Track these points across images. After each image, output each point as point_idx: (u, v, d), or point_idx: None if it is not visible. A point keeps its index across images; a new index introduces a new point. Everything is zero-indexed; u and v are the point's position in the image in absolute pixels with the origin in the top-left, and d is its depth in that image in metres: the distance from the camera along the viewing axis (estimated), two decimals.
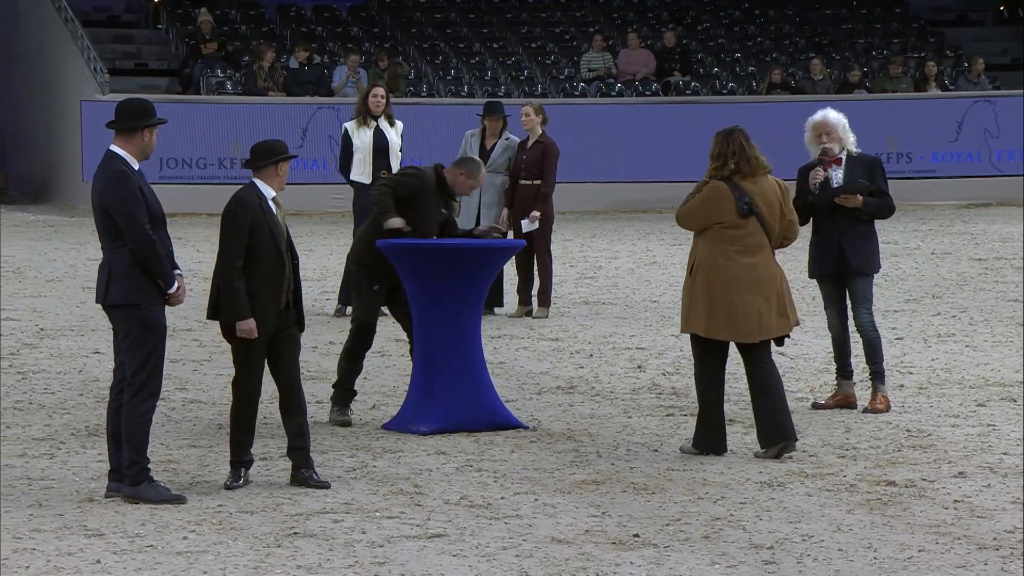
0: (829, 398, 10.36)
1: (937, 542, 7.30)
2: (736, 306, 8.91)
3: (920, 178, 25.13)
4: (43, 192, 26.62)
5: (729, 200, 8.90)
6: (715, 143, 9.01)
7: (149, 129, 8.00)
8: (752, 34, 28.23)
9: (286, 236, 8.29)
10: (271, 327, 8.19)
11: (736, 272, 8.91)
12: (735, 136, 8.98)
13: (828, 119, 10.24)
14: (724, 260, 8.92)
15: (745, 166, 8.90)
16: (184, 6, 27.10)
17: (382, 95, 14.39)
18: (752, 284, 8.93)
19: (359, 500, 8.01)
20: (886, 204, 10.17)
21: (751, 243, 8.94)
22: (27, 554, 7.07)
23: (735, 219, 8.88)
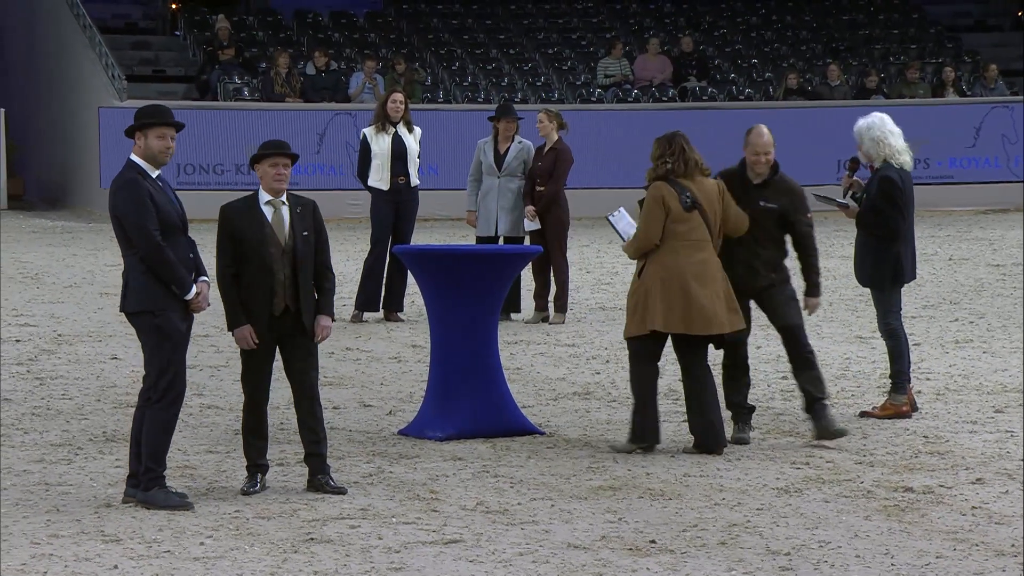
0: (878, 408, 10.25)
1: (955, 549, 7.28)
2: (691, 299, 9.06)
3: (938, 184, 25.09)
4: (61, 198, 26.70)
5: (672, 195, 9.13)
6: (656, 146, 9.30)
7: (144, 132, 7.97)
8: (769, 39, 28.21)
9: (288, 239, 8.19)
10: (264, 333, 8.19)
11: (685, 266, 9.08)
12: (676, 139, 9.29)
13: (855, 130, 10.28)
14: (673, 255, 9.08)
15: (681, 166, 9.19)
16: (201, 13, 27.17)
17: (401, 101, 14.41)
18: (701, 278, 9.10)
19: (376, 506, 8.01)
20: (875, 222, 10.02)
21: (696, 237, 9.14)
22: (45, 559, 7.08)
23: (680, 213, 9.10)
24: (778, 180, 9.39)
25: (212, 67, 25.15)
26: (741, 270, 9.27)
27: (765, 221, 9.30)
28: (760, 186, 9.36)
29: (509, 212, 14.16)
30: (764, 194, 9.34)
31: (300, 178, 23.75)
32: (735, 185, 9.31)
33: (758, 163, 9.35)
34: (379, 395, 10.96)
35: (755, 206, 9.27)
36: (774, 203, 9.31)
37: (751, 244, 9.31)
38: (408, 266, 10.54)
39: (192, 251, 8.03)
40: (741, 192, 9.30)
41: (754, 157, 9.34)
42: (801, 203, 9.39)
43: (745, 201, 9.27)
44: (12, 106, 27.01)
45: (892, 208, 10.01)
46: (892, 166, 10.10)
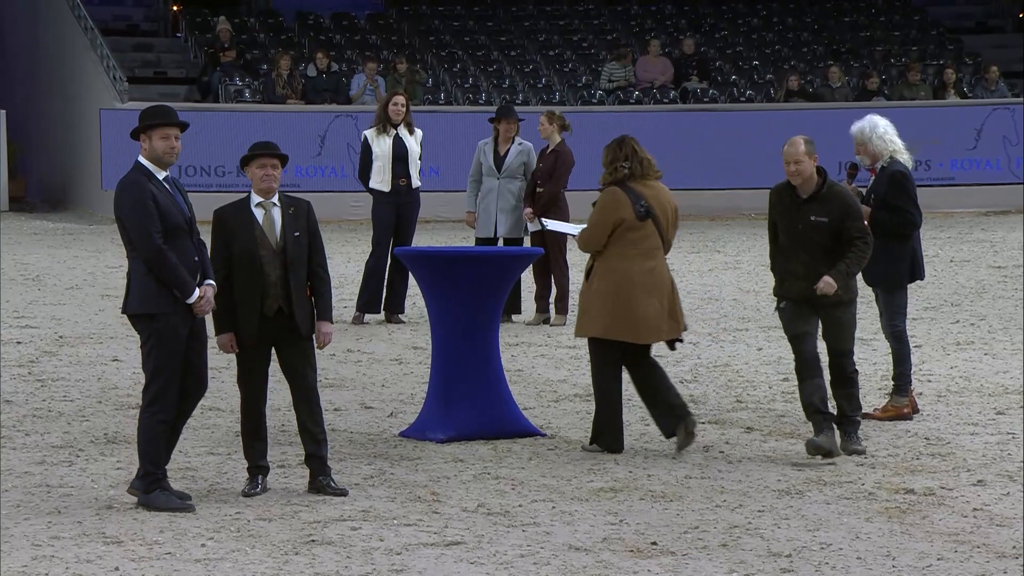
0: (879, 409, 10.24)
1: (956, 550, 7.28)
2: (636, 308, 9.10)
3: (939, 185, 25.08)
4: (62, 200, 26.71)
5: (626, 203, 9.12)
6: (607, 151, 9.27)
7: (148, 134, 7.96)
8: (770, 41, 28.21)
9: (279, 240, 8.15)
10: (255, 336, 8.18)
11: (634, 274, 9.11)
12: (627, 142, 9.30)
13: (853, 132, 10.26)
14: (623, 263, 9.11)
15: (638, 168, 9.21)
16: (203, 14, 27.18)
17: (402, 103, 14.41)
18: (649, 287, 9.15)
19: (377, 507, 8.01)
20: (899, 220, 9.96)
21: (647, 246, 9.16)
22: (46, 561, 7.08)
23: (634, 222, 9.11)
24: (826, 192, 9.00)
25: (213, 69, 25.16)
26: (803, 286, 8.99)
27: (819, 236, 8.95)
28: (809, 200, 8.98)
29: (509, 214, 14.16)
30: (813, 208, 8.97)
31: (301, 180, 23.78)
32: (784, 200, 9.02)
33: (790, 174, 8.98)
34: (380, 397, 10.96)
35: (806, 222, 8.95)
36: (824, 216, 8.95)
37: (809, 261, 8.95)
38: (409, 268, 10.54)
39: (198, 254, 8.00)
40: (791, 207, 8.99)
41: (786, 167, 8.99)
42: (851, 211, 9.01)
43: (796, 217, 8.97)
44: (13, 108, 27.02)
45: (909, 202, 9.99)
46: (900, 161, 10.07)
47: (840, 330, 9.10)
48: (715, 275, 17.78)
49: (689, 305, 15.39)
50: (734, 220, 23.26)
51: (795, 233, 9.02)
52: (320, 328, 8.22)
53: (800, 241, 9.01)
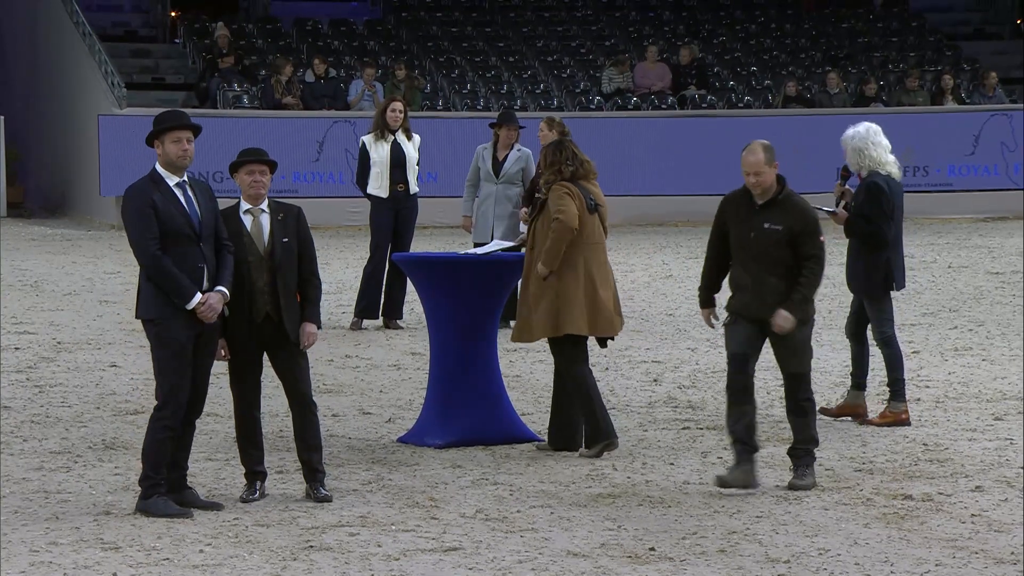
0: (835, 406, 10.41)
1: (954, 556, 7.28)
2: (597, 302, 9.23)
3: (937, 191, 25.10)
4: (61, 206, 26.71)
5: (579, 195, 9.31)
6: (546, 154, 9.45)
7: (161, 138, 7.96)
8: (768, 47, 28.23)
9: (267, 247, 8.15)
10: (246, 340, 8.18)
11: (592, 268, 9.28)
12: (566, 145, 9.50)
13: (841, 140, 10.35)
14: (581, 256, 9.26)
15: (579, 169, 9.40)
16: (201, 20, 27.19)
17: (400, 109, 14.42)
18: (603, 280, 9.32)
19: (375, 513, 8.01)
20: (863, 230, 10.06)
21: (596, 240, 9.37)
22: (44, 567, 7.08)
23: (586, 215, 9.30)
24: (784, 199, 8.51)
25: (212, 75, 25.16)
26: (749, 298, 8.49)
27: (771, 246, 8.43)
28: (765, 207, 8.50)
29: (505, 219, 14.15)
30: (768, 215, 8.47)
31: (299, 186, 23.79)
32: (739, 207, 8.56)
33: (750, 184, 8.50)
34: (378, 402, 10.96)
35: (759, 229, 8.46)
36: (779, 224, 8.44)
37: (758, 272, 8.45)
38: (407, 273, 10.54)
39: (206, 260, 7.95)
40: (746, 214, 8.54)
41: (745, 177, 8.51)
42: (807, 223, 8.46)
43: (750, 224, 8.50)
44: (12, 114, 27.02)
45: (879, 214, 10.05)
46: (880, 173, 10.15)
47: (790, 352, 8.45)
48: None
49: (687, 311, 15.41)
50: None
51: (747, 242, 8.47)
52: (304, 328, 8.20)
53: (751, 250, 8.45)
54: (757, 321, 8.47)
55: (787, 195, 8.54)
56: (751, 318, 8.48)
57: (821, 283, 8.51)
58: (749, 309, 8.47)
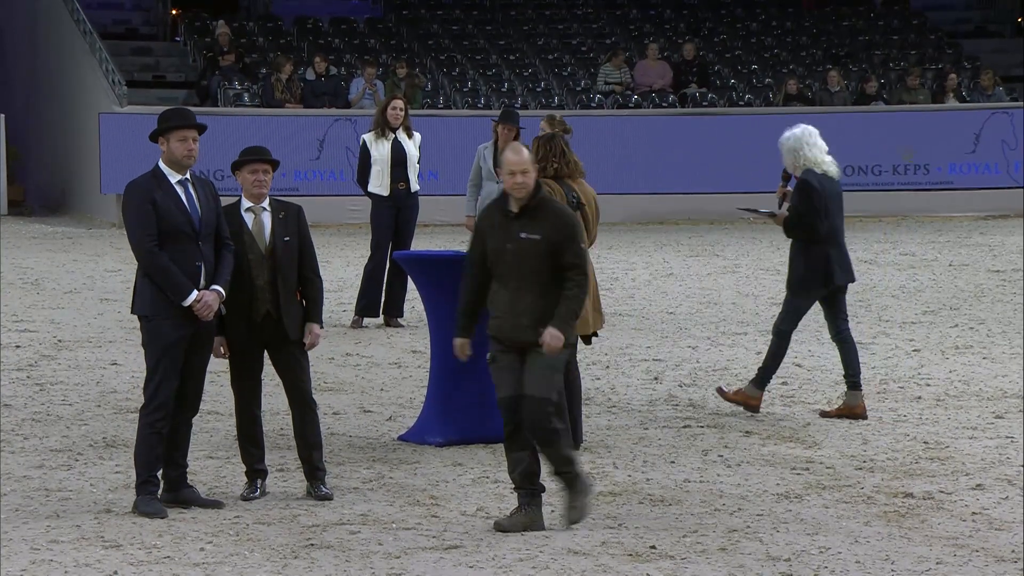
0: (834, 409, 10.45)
1: (955, 554, 7.28)
2: None
3: (937, 190, 25.09)
4: (61, 204, 26.71)
5: (561, 193, 9.29)
6: (539, 146, 9.45)
7: (166, 136, 7.97)
8: (769, 45, 28.22)
9: (268, 245, 8.15)
10: (246, 339, 8.18)
11: None
12: (556, 141, 9.50)
13: (779, 144, 10.43)
14: None
15: (564, 168, 9.41)
16: (202, 18, 27.18)
17: (401, 107, 14.42)
18: None
19: (376, 511, 8.01)
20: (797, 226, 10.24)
21: None
22: (45, 565, 7.08)
23: None
24: (540, 205, 7.59)
25: (212, 73, 25.16)
26: (504, 319, 7.61)
27: (530, 258, 7.52)
28: (520, 215, 7.58)
29: None
30: (524, 223, 7.56)
31: (300, 184, 23.79)
32: (495, 217, 7.65)
33: (515, 185, 7.56)
34: (379, 401, 10.96)
35: (516, 239, 7.55)
36: (537, 233, 7.53)
37: (516, 288, 7.56)
38: (408, 272, 10.54)
39: (204, 259, 7.95)
40: (502, 224, 7.59)
41: (510, 178, 7.58)
42: (567, 229, 7.56)
43: (506, 234, 7.57)
44: (12, 112, 27.02)
45: (809, 211, 10.18)
46: (814, 172, 10.31)
47: (538, 373, 7.54)
48: (714, 279, 17.78)
49: (688, 309, 15.41)
50: (733, 224, 23.25)
51: (504, 254, 7.57)
52: (310, 329, 8.22)
53: (509, 264, 7.57)
54: (516, 348, 7.59)
55: (543, 200, 7.63)
56: (509, 344, 7.60)
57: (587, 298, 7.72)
58: (504, 331, 7.61)
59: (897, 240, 21.46)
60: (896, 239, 21.59)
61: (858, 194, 25.18)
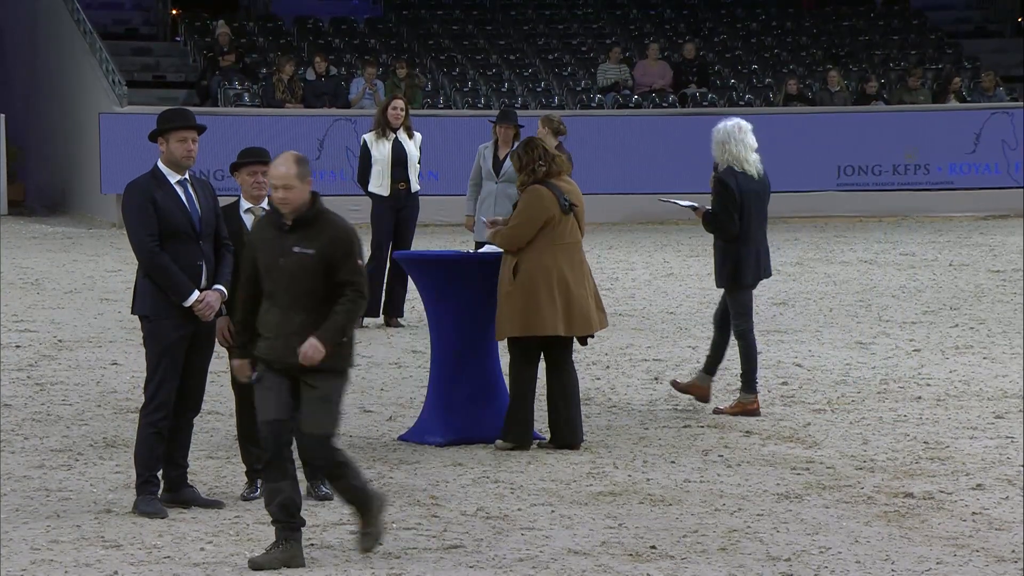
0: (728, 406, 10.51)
1: (955, 554, 7.28)
2: (573, 301, 9.30)
3: (938, 190, 25.09)
4: (61, 204, 26.71)
5: (552, 200, 9.32)
6: (517, 157, 9.46)
7: (166, 137, 7.98)
8: (769, 45, 28.22)
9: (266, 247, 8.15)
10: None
11: (565, 268, 9.31)
12: (536, 143, 9.52)
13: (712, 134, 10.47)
14: (552, 258, 9.30)
15: (553, 167, 9.42)
16: (202, 18, 27.18)
17: (401, 108, 14.42)
18: (579, 279, 9.36)
19: None
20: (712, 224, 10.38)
21: (571, 240, 9.39)
22: (45, 565, 7.08)
23: (561, 217, 9.33)
24: (316, 217, 7.10)
25: (213, 73, 25.16)
26: (274, 340, 7.08)
27: (302, 273, 7.05)
28: (294, 227, 7.10)
29: None
30: (298, 237, 7.08)
31: None
32: (266, 230, 7.20)
33: (277, 200, 7.12)
34: (379, 401, 10.96)
35: (289, 254, 7.07)
36: (311, 247, 7.06)
37: (287, 307, 7.06)
38: (408, 272, 10.54)
39: (205, 258, 7.95)
40: (274, 238, 7.13)
41: (273, 192, 7.15)
42: (344, 244, 7.08)
43: (278, 248, 7.10)
44: (13, 112, 27.02)
45: (722, 210, 10.32)
46: (733, 170, 10.41)
47: (313, 407, 7.05)
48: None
49: (688, 309, 15.41)
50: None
51: (276, 270, 7.09)
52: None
53: (280, 280, 7.08)
54: (287, 371, 7.08)
55: (320, 212, 7.10)
56: (279, 366, 7.10)
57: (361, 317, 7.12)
58: (275, 352, 7.09)
59: (897, 240, 21.46)
60: (896, 239, 21.59)
61: (858, 194, 25.23)
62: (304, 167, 7.12)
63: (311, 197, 7.12)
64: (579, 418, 9.45)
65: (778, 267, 18.78)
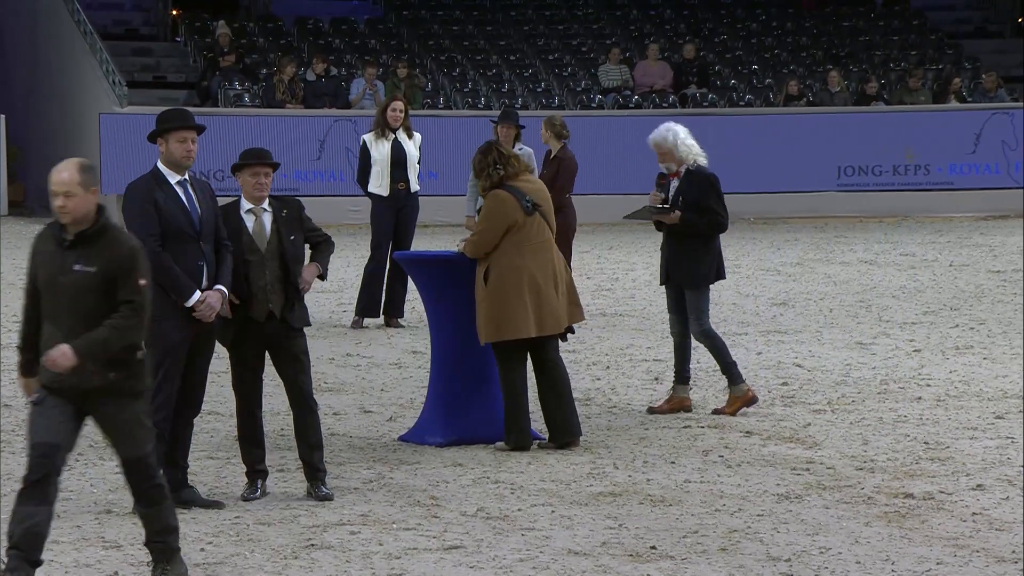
0: (664, 402, 10.47)
1: (955, 555, 7.28)
2: (543, 302, 9.32)
3: (938, 190, 25.08)
4: None
5: (513, 203, 9.33)
6: (475, 162, 9.47)
7: (165, 137, 7.97)
8: (769, 46, 28.22)
9: (270, 245, 8.14)
10: (249, 339, 8.18)
11: (534, 269, 9.33)
12: (491, 148, 9.53)
13: (658, 140, 10.57)
14: (520, 259, 9.31)
15: (509, 168, 9.42)
16: (202, 19, 27.19)
17: (401, 108, 14.42)
18: (548, 279, 9.37)
19: (376, 512, 8.01)
20: (708, 221, 10.31)
21: (540, 239, 9.39)
22: (45, 565, 7.07)
23: (523, 219, 9.32)
24: (99, 233, 6.58)
25: (213, 73, 25.16)
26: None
27: (84, 293, 6.55)
28: (75, 243, 6.58)
29: None
30: (80, 254, 6.56)
31: (300, 184, 23.78)
32: (48, 244, 6.71)
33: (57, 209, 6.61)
34: (379, 401, 10.96)
35: (69, 272, 6.58)
36: (92, 265, 6.54)
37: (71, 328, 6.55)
38: (408, 272, 10.54)
39: (206, 259, 7.96)
40: (54, 253, 6.65)
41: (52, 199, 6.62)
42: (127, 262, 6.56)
43: (59, 265, 6.62)
44: (13, 112, 27.02)
45: (719, 204, 10.31)
46: (704, 165, 10.43)
47: (121, 433, 6.63)
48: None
49: None
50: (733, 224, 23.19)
51: (56, 288, 6.62)
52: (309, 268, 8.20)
53: (61, 299, 6.60)
54: (72, 395, 6.60)
55: (104, 228, 6.58)
56: (70, 394, 6.60)
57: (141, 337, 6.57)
58: (61, 378, 6.56)
59: (897, 240, 21.46)
60: (896, 239, 21.58)
61: (858, 194, 25.23)
62: (89, 175, 6.55)
63: (96, 210, 6.55)
64: (573, 413, 9.45)
65: (778, 267, 18.80)
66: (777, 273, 18.25)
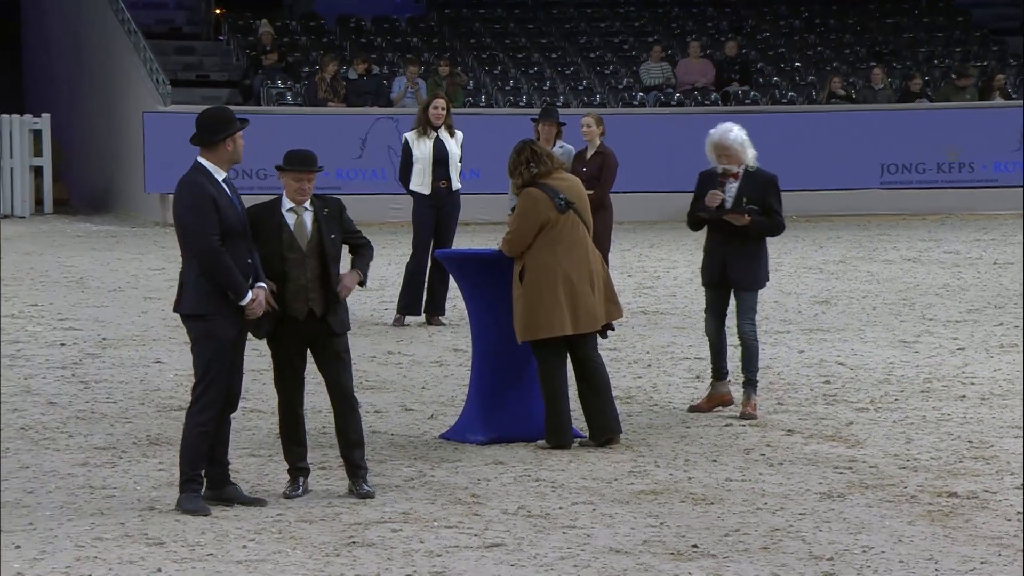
0: (704, 400, 10.43)
1: (1000, 554, 7.24)
2: (577, 300, 9.29)
3: (982, 187, 24.94)
4: (105, 203, 26.86)
5: (546, 201, 9.30)
6: (509, 160, 9.49)
7: (231, 138, 8.01)
8: (812, 43, 28.12)
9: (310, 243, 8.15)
10: (289, 337, 8.19)
11: (568, 267, 9.30)
12: (525, 146, 9.53)
13: (725, 140, 10.43)
14: (554, 258, 9.29)
15: (543, 166, 9.41)
16: (245, 18, 27.29)
17: (442, 107, 14.43)
18: (583, 276, 9.33)
19: (417, 510, 8.03)
20: (774, 223, 10.28)
21: (574, 237, 9.35)
22: (89, 562, 7.12)
23: (556, 217, 9.29)
24: None
25: (255, 72, 25.26)
26: None
27: None
28: None
29: None
30: None
31: (342, 182, 23.84)
32: None
33: None
34: (421, 399, 10.98)
35: None
36: None
37: None
38: (449, 270, 10.55)
39: (251, 256, 8.02)
40: None
41: None
42: None
43: None
44: (58, 112, 27.19)
45: (780, 206, 10.31)
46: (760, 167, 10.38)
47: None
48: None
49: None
50: None
51: None
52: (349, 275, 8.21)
53: None
54: None
55: None
56: None
57: None
58: None
59: (941, 238, 21.35)
60: (940, 237, 21.47)
61: (902, 192, 25.11)
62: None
63: None
64: (612, 409, 9.44)
65: (820, 265, 18.73)
66: (820, 271, 18.19)
